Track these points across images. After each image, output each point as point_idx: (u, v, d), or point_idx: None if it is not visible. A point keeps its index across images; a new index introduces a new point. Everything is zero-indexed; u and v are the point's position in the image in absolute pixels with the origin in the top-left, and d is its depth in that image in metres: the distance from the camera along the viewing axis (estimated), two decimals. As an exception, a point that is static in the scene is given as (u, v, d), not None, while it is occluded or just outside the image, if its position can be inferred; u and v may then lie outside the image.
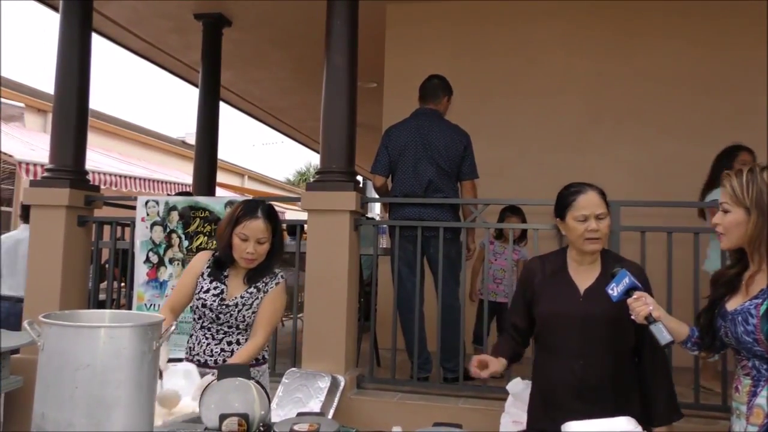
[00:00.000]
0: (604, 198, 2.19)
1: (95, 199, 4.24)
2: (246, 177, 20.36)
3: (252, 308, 2.37)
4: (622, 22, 5.12)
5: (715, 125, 4.86)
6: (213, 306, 2.35)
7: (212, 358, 2.37)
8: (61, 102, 4.19)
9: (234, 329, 2.38)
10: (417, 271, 3.80)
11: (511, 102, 5.32)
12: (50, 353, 1.52)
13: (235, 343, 2.38)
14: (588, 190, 2.19)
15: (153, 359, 1.61)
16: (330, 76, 3.78)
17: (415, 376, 3.67)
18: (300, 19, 5.93)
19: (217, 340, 2.38)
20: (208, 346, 2.38)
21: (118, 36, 6.77)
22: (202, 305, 2.37)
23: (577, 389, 2.11)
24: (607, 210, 2.18)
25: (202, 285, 2.39)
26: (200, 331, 2.40)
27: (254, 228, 2.30)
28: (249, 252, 2.31)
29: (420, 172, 3.94)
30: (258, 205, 2.37)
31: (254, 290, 2.39)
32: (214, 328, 2.38)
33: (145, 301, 3.85)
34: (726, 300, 1.88)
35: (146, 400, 1.59)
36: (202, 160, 6.40)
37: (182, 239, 3.83)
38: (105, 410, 1.49)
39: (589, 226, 2.13)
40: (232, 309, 2.35)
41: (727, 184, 1.83)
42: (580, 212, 2.15)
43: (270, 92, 8.69)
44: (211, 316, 2.37)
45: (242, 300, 2.36)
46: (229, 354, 2.36)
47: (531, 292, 2.27)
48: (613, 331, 2.03)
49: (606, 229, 2.15)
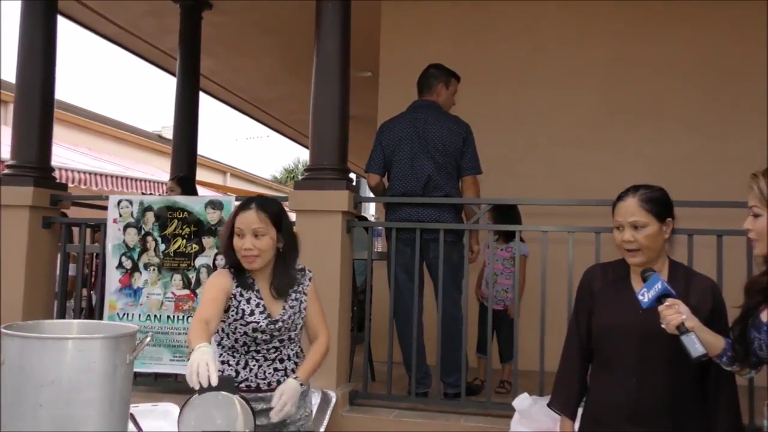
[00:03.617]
0: (652, 205, 2.12)
1: (62, 198, 4.23)
2: (228, 174, 20.36)
3: (301, 313, 2.39)
4: (640, 7, 5.11)
5: (741, 119, 4.87)
6: (265, 328, 2.31)
7: (265, 380, 2.32)
8: (23, 92, 4.17)
9: (286, 342, 2.37)
10: (416, 277, 3.79)
11: (517, 93, 5.32)
12: (11, 368, 1.50)
13: (287, 359, 2.36)
14: (628, 196, 2.15)
15: (126, 374, 1.60)
16: (320, 64, 3.78)
17: (413, 391, 3.67)
18: (288, 0, 5.92)
19: (270, 360, 2.34)
20: (260, 369, 2.33)
21: (87, 20, 6.76)
22: (253, 330, 2.30)
23: (629, 410, 2.09)
24: (654, 218, 2.11)
25: (243, 309, 2.30)
26: (247, 355, 2.34)
27: (247, 219, 2.26)
28: (246, 248, 2.25)
29: (417, 169, 3.93)
30: (254, 198, 2.36)
31: (294, 295, 2.38)
32: (264, 349, 2.34)
33: (117, 311, 3.83)
34: (761, 310, 1.87)
35: (118, 419, 1.58)
36: (181, 156, 6.39)
37: (159, 242, 3.82)
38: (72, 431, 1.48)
39: (623, 236, 2.12)
40: (286, 322, 2.34)
41: (755, 186, 1.82)
42: (615, 218, 2.16)
43: (255, 82, 8.69)
44: (263, 339, 2.33)
45: (291, 310, 2.36)
46: (283, 372, 2.34)
47: (590, 299, 2.26)
48: (675, 350, 1.95)
49: (646, 240, 2.09)
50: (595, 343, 2.24)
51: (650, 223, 2.11)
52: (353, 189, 3.74)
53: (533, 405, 2.94)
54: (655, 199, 2.14)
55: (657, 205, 2.13)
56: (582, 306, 2.29)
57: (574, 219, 3.83)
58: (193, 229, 3.78)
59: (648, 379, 2.10)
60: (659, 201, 2.14)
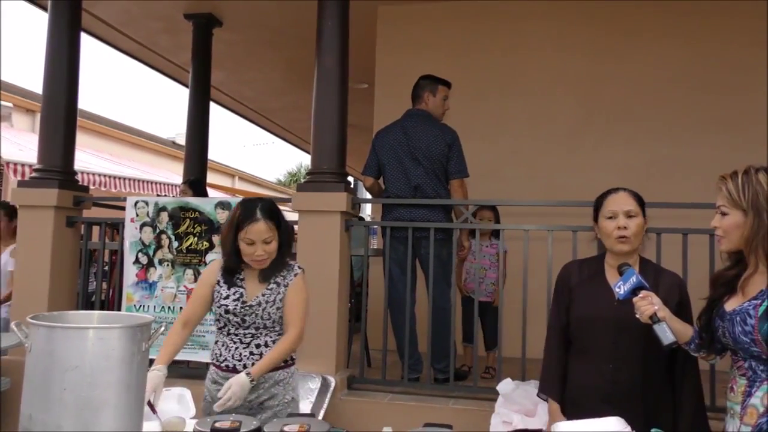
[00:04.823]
0: (639, 200, 2.19)
1: (84, 199, 4.22)
2: (236, 178, 20.30)
3: (276, 304, 2.34)
4: (615, 22, 5.14)
5: (708, 127, 4.90)
6: (236, 310, 2.32)
7: (241, 362, 2.32)
8: (49, 102, 4.16)
9: (262, 330, 2.35)
10: (408, 272, 3.80)
11: (503, 102, 5.33)
12: (38, 355, 1.50)
13: (263, 345, 2.35)
14: (619, 190, 2.22)
15: (142, 360, 1.61)
16: (321, 77, 3.78)
17: (406, 377, 3.67)
18: (292, 19, 5.92)
19: (245, 343, 2.34)
20: (236, 350, 2.34)
21: (108, 36, 6.74)
22: (225, 312, 2.33)
23: (606, 393, 2.11)
24: (641, 211, 2.17)
25: (221, 293, 2.35)
26: (227, 337, 2.36)
27: (257, 231, 2.26)
28: (258, 254, 2.28)
29: (408, 175, 3.95)
30: (256, 206, 2.31)
31: (274, 285, 2.36)
32: (241, 333, 2.34)
33: (134, 302, 3.83)
34: (725, 300, 1.89)
35: (135, 401, 1.58)
36: (193, 160, 6.38)
37: (172, 240, 3.82)
38: (93, 412, 1.49)
39: (618, 223, 2.14)
40: (256, 309, 2.32)
41: (723, 187, 1.84)
42: (608, 209, 2.18)
43: (262, 93, 8.68)
44: (236, 321, 2.33)
45: (264, 298, 2.33)
46: (258, 357, 2.32)
47: (568, 293, 2.27)
48: (646, 338, 1.99)
49: (636, 228, 2.14)
50: (573, 333, 2.25)
51: (639, 215, 2.17)
52: (351, 191, 3.74)
53: (516, 389, 2.95)
54: (640, 197, 2.22)
55: (641, 201, 2.21)
56: (561, 300, 2.30)
57: (553, 218, 3.85)
58: (204, 227, 3.78)
59: (623, 365, 2.12)
60: (641, 200, 2.22)
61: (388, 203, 3.99)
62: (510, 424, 2.81)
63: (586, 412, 2.00)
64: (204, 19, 6.05)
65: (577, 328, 2.23)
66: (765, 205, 1.76)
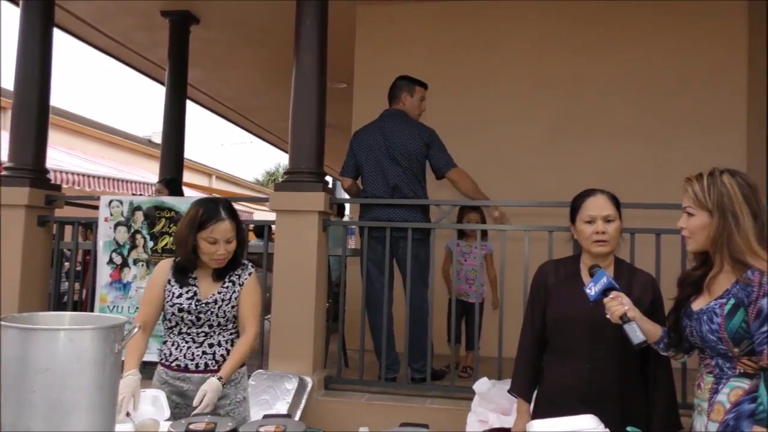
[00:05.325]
0: (616, 203, 2.22)
1: (56, 198, 4.15)
2: (214, 177, 20.12)
3: (231, 302, 2.35)
4: (595, 23, 5.19)
5: (685, 129, 4.97)
6: (190, 308, 2.31)
7: (193, 361, 2.32)
8: (20, 99, 4.09)
9: (216, 328, 2.35)
10: (386, 272, 3.80)
11: (483, 103, 5.35)
12: (9, 357, 1.48)
13: (216, 345, 2.35)
14: (597, 193, 2.23)
15: (115, 362, 1.59)
16: (299, 76, 3.77)
17: (383, 376, 3.68)
18: (271, 18, 5.89)
19: (198, 343, 2.34)
20: (188, 350, 2.33)
21: (83, 33, 6.63)
22: (178, 310, 2.32)
23: (582, 393, 2.12)
24: (618, 214, 2.20)
25: (172, 292, 2.35)
26: (178, 336, 2.36)
27: (222, 230, 2.29)
28: (220, 253, 2.30)
29: (385, 175, 3.95)
30: (218, 206, 2.34)
31: (230, 284, 2.37)
32: (194, 332, 2.34)
33: (108, 303, 3.78)
34: (692, 300, 1.93)
35: (108, 403, 1.56)
36: (169, 159, 6.31)
37: (147, 240, 3.77)
38: (64, 414, 1.47)
39: (596, 228, 2.16)
40: (211, 306, 2.32)
41: (689, 189, 1.88)
42: (587, 213, 2.19)
43: (240, 92, 8.61)
44: (190, 319, 2.33)
45: (220, 296, 2.34)
46: (211, 356, 2.33)
47: (545, 293, 2.29)
48: (621, 338, 2.00)
49: (614, 232, 2.16)
50: (550, 333, 2.27)
51: (616, 218, 2.19)
52: (329, 191, 3.73)
53: (492, 388, 2.97)
54: (616, 199, 2.23)
55: (618, 204, 2.22)
56: (537, 300, 2.32)
57: (531, 218, 3.89)
58: (180, 227, 3.74)
59: (599, 365, 2.14)
60: (618, 201, 2.23)
61: (366, 203, 3.98)
62: (486, 422, 2.83)
63: (563, 412, 2.01)
64: (181, 17, 5.99)
65: (554, 329, 2.25)
66: (729, 206, 1.80)
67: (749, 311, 1.75)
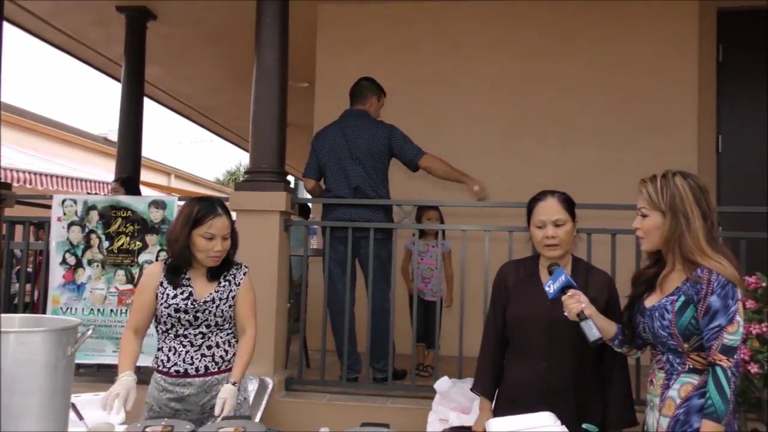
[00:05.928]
0: (568, 205, 2.24)
1: (6, 197, 4.01)
2: (173, 176, 19.75)
3: (228, 301, 2.33)
4: (550, 25, 5.26)
5: (636, 130, 5.09)
6: (188, 308, 2.27)
7: (193, 366, 2.28)
8: (-31, 94, 3.94)
9: (213, 328, 2.32)
10: (348, 272, 3.79)
11: (441, 104, 5.39)
12: (-48, 361, 1.42)
13: (215, 346, 2.32)
14: (548, 197, 2.25)
15: (68, 365, 1.54)
16: (260, 75, 3.73)
17: (345, 377, 3.67)
18: (230, 15, 5.81)
19: (197, 346, 2.30)
20: (187, 354, 2.29)
21: (35, 28, 6.42)
22: (174, 311, 2.28)
23: (540, 391, 2.16)
24: (570, 217, 2.23)
25: (166, 293, 2.30)
26: (174, 340, 2.31)
27: (220, 226, 2.28)
28: (217, 250, 2.28)
29: (347, 175, 3.94)
30: (215, 203, 2.35)
31: (226, 283, 2.36)
32: (192, 334, 2.30)
33: (61, 305, 3.67)
34: (645, 297, 1.99)
35: (60, 407, 1.52)
36: (125, 158, 6.17)
37: (102, 240, 3.68)
38: (12, 419, 1.42)
39: (546, 232, 2.19)
40: (209, 305, 2.29)
41: (644, 190, 1.94)
42: (537, 218, 2.22)
43: (200, 90, 8.48)
44: (187, 320, 2.29)
45: (217, 294, 2.32)
46: (210, 358, 2.30)
47: (505, 293, 2.32)
48: (578, 337, 2.04)
49: (565, 235, 2.20)
50: (510, 333, 2.30)
51: (568, 221, 2.22)
52: (290, 191, 3.71)
53: (452, 387, 2.99)
54: (569, 201, 2.26)
55: (570, 205, 2.26)
56: (498, 300, 2.35)
57: (489, 219, 3.93)
58: (137, 227, 3.67)
59: (555, 363, 2.18)
60: (571, 202, 2.27)
61: (329, 203, 3.97)
62: (446, 421, 2.85)
63: (522, 410, 2.05)
64: (137, 12, 5.85)
65: (513, 328, 2.29)
66: (681, 207, 1.86)
67: (698, 308, 1.81)
